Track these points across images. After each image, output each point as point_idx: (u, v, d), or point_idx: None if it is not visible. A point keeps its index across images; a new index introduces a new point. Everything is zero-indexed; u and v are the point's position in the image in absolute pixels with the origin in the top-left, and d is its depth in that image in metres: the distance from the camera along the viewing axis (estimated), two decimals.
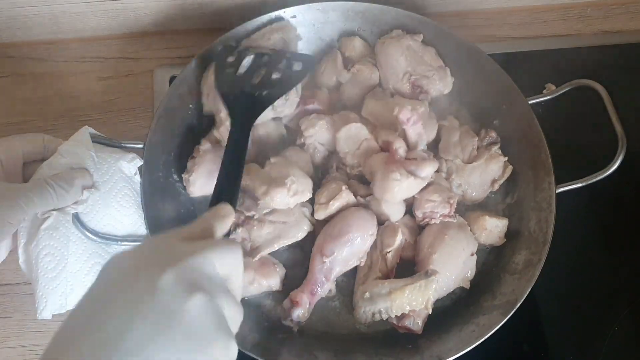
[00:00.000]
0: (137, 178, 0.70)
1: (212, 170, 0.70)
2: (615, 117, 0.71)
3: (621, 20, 0.97)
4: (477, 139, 0.76)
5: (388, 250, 0.70)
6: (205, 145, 0.73)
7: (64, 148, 0.63)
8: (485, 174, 0.75)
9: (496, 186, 0.75)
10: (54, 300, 0.60)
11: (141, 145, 0.70)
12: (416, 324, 0.66)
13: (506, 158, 0.75)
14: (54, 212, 0.60)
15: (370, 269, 0.70)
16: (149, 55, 0.91)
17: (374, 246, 0.71)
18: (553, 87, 0.76)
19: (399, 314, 0.65)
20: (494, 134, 0.77)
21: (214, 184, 0.58)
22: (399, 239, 0.70)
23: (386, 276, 0.69)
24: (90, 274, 0.64)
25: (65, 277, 0.61)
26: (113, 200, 0.67)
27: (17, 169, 0.60)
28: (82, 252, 0.64)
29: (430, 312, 0.66)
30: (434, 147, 0.78)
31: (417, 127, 0.73)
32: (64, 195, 0.60)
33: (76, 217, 0.63)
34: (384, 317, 0.66)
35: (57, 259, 0.60)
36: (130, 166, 0.70)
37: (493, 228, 0.73)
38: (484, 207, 0.77)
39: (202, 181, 0.71)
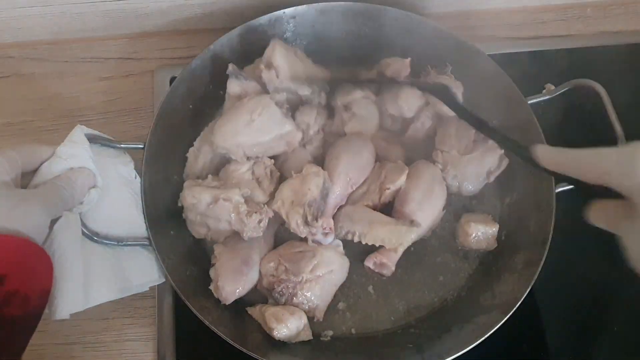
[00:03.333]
0: (138, 180, 0.70)
1: (236, 267, 0.68)
2: (615, 116, 0.71)
3: (621, 20, 0.97)
4: (473, 131, 0.76)
5: (388, 187, 0.72)
6: (218, 249, 0.70)
7: (62, 150, 0.63)
8: (481, 165, 0.75)
9: (492, 178, 0.75)
10: (72, 299, 0.60)
11: (142, 146, 0.70)
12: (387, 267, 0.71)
13: (502, 151, 0.75)
14: (64, 212, 0.60)
15: (364, 195, 0.73)
16: (149, 55, 0.91)
17: (375, 176, 0.74)
18: (552, 88, 0.76)
19: (369, 243, 0.69)
20: None
21: (243, 281, 0.65)
22: (402, 180, 0.72)
23: (373, 209, 0.73)
24: (97, 273, 0.64)
25: (82, 275, 0.61)
26: (115, 202, 0.67)
27: (18, 179, 0.60)
28: (95, 253, 0.65)
29: (398, 257, 0.70)
30: (431, 140, 0.78)
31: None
32: (74, 196, 0.61)
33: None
34: (355, 239, 0.70)
35: (72, 259, 0.60)
36: (128, 169, 0.70)
37: (480, 234, 0.74)
38: (481, 204, 0.77)
39: (230, 282, 0.67)
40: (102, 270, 0.65)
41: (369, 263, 0.72)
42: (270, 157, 0.75)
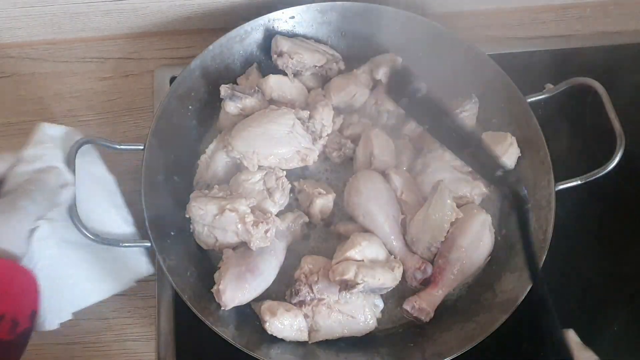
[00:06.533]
0: (112, 178, 0.68)
1: (240, 274, 0.67)
2: (614, 115, 0.71)
3: (620, 21, 0.97)
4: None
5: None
6: (227, 253, 0.69)
7: (27, 153, 0.61)
8: None
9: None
10: (60, 309, 0.59)
11: (141, 147, 0.70)
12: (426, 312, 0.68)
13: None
14: (41, 222, 0.58)
15: None
16: (149, 55, 0.92)
17: None
18: (552, 87, 0.77)
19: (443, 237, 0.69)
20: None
21: (246, 289, 0.64)
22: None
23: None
24: (82, 276, 0.64)
25: (67, 283, 0.61)
26: (90, 202, 0.66)
27: None
28: (77, 257, 0.64)
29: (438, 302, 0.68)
30: None
31: None
32: (46, 197, 0.58)
33: (77, 219, 0.62)
34: (434, 248, 0.70)
35: (57, 268, 0.59)
36: (99, 168, 0.68)
37: None
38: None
39: (232, 287, 0.66)
40: (88, 273, 0.64)
41: (408, 306, 0.69)
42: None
